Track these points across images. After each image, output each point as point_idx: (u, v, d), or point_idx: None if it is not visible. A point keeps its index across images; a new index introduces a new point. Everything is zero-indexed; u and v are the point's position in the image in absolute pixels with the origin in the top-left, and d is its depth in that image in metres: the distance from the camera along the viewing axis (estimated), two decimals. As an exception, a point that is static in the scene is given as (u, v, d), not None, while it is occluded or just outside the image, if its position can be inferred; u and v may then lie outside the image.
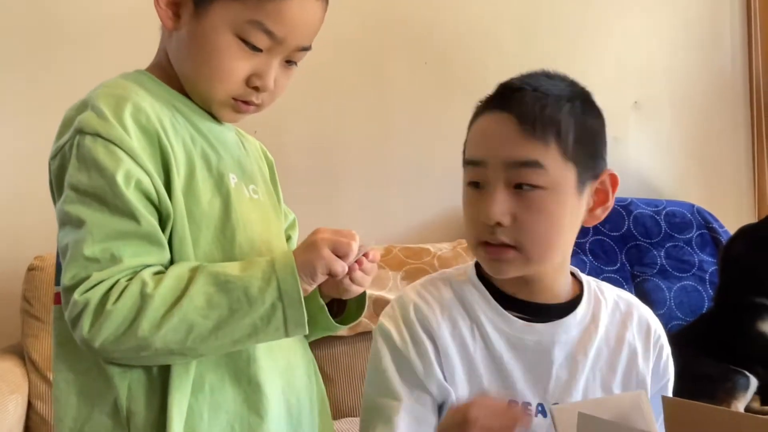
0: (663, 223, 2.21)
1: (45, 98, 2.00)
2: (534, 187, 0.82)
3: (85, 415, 0.74)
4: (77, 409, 0.74)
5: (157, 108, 0.77)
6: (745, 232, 2.01)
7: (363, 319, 0.91)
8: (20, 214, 1.98)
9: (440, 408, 0.86)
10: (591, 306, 0.91)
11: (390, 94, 2.29)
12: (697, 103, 2.54)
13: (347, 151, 2.24)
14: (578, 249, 2.09)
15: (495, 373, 0.87)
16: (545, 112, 0.83)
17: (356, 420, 1.73)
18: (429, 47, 2.31)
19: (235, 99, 0.81)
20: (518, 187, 0.83)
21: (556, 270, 0.89)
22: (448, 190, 2.24)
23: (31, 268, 1.82)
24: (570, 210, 0.85)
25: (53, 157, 0.75)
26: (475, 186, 0.86)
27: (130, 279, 0.69)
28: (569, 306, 0.90)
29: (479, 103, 0.90)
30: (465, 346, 0.86)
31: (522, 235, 0.83)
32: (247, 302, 0.69)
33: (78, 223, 0.70)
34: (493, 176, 0.83)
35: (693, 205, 2.29)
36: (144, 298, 0.68)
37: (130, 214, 0.70)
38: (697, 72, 2.54)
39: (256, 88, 0.81)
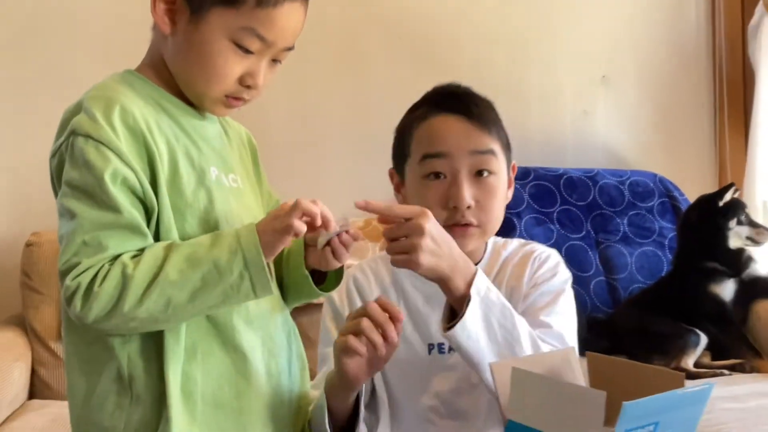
0: (627, 193, 2.33)
1: (36, 82, 2.09)
2: (490, 173, 1.01)
3: (94, 382, 0.83)
4: (87, 377, 0.84)
5: (143, 108, 0.84)
6: (701, 201, 2.14)
7: None
8: (17, 193, 2.07)
9: None
10: (491, 257, 1.08)
11: (367, 68, 2.36)
12: (662, 77, 2.63)
13: (327, 126, 2.33)
14: (546, 218, 2.22)
15: (413, 321, 1.05)
16: (490, 114, 1.05)
17: None
18: (404, 23, 2.38)
19: (227, 96, 0.88)
20: (478, 174, 1.01)
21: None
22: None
23: (28, 244, 1.92)
24: (505, 191, 1.06)
25: (52, 156, 0.84)
26: (436, 177, 1.01)
27: (113, 263, 0.78)
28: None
29: (417, 108, 1.08)
30: None
31: (483, 214, 1.01)
32: (217, 274, 0.78)
33: (71, 215, 0.79)
34: (459, 165, 1.00)
35: (656, 175, 2.40)
36: (125, 278, 0.76)
37: (115, 208, 0.78)
38: (662, 47, 2.62)
39: (248, 87, 0.88)
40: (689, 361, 1.84)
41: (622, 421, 0.62)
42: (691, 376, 1.77)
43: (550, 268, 1.07)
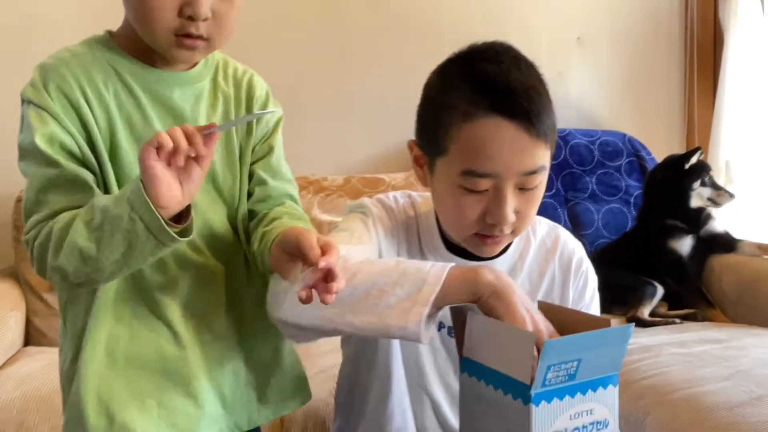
0: (596, 152, 2.42)
1: (24, 41, 2.12)
2: (536, 186, 0.88)
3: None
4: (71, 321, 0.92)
5: (90, 76, 0.84)
6: (668, 161, 2.24)
7: None
8: (5, 150, 2.12)
9: None
10: (520, 248, 0.99)
11: (348, 32, 2.41)
12: (635, 39, 2.69)
13: (308, 87, 2.37)
14: (519, 177, 2.32)
15: None
16: (547, 117, 0.86)
17: None
18: (386, -14, 2.44)
19: (176, 35, 0.83)
20: (522, 188, 0.87)
21: None
22: (403, 124, 2.38)
23: (18, 199, 1.99)
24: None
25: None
26: (472, 192, 0.87)
27: (52, 220, 0.80)
28: (504, 250, 0.97)
29: (456, 87, 0.88)
30: None
31: (520, 223, 0.89)
32: (112, 221, 0.77)
33: (25, 176, 0.83)
34: (504, 183, 0.85)
35: (625, 135, 2.50)
36: (49, 234, 0.80)
37: (54, 163, 0.80)
38: (636, 10, 2.68)
39: (191, 18, 0.82)
40: (645, 311, 1.96)
41: (544, 358, 0.68)
42: (646, 324, 1.91)
43: (594, 288, 1.04)
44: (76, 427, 0.88)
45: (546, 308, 0.84)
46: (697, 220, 2.15)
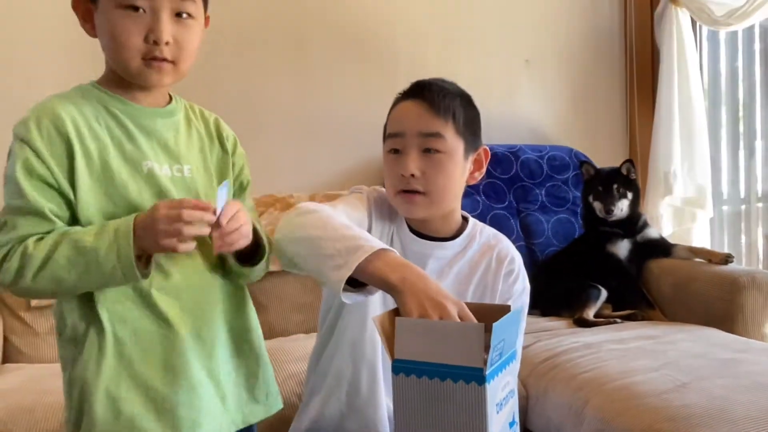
0: (545, 166, 2.59)
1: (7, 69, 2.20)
2: (437, 151, 1.13)
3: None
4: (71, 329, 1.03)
5: (82, 112, 0.98)
6: (598, 175, 2.39)
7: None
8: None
9: None
10: (467, 239, 1.22)
11: (311, 56, 2.54)
12: (579, 60, 2.89)
13: (273, 110, 2.49)
14: (473, 191, 2.46)
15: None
16: (445, 101, 1.14)
17: (286, 338, 2.05)
18: (346, 14, 2.57)
19: (144, 59, 0.97)
20: (426, 151, 1.13)
21: (446, 215, 1.20)
22: (366, 143, 2.54)
23: (-5, 222, 2.06)
24: (459, 171, 1.16)
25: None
26: (395, 152, 1.15)
27: (21, 243, 0.94)
28: (452, 238, 1.21)
29: (399, 95, 1.20)
30: None
31: (428, 184, 1.13)
32: (96, 263, 0.93)
33: (4, 200, 0.95)
34: (409, 143, 1.13)
35: (572, 150, 2.66)
36: (24, 258, 0.93)
37: (24, 196, 0.93)
38: (579, 33, 2.88)
39: (156, 43, 0.96)
40: (590, 313, 2.10)
41: (493, 339, 0.79)
42: (590, 324, 2.05)
43: (525, 287, 1.23)
44: (83, 422, 0.98)
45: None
46: (632, 225, 2.29)
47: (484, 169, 1.22)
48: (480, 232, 1.24)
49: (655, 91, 2.80)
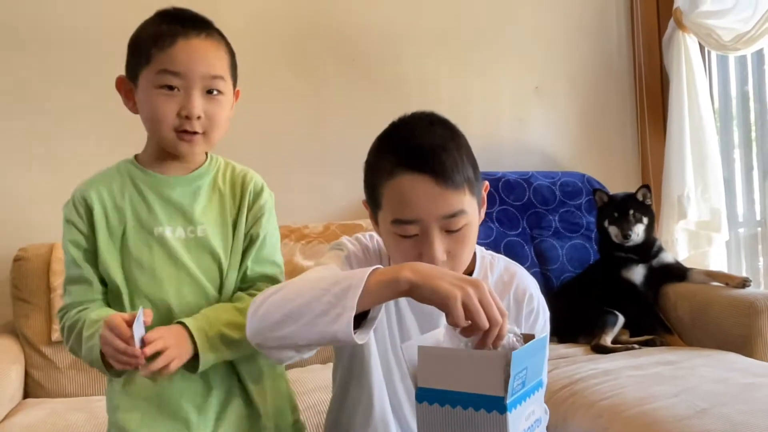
0: (558, 192, 2.60)
1: (16, 100, 2.26)
2: (459, 228, 1.00)
3: None
4: None
5: (111, 191, 1.17)
6: (612, 201, 2.39)
7: None
8: (5, 211, 2.25)
9: None
10: (479, 278, 1.09)
11: (323, 89, 2.59)
12: (589, 86, 2.91)
13: (289, 143, 2.54)
14: (487, 218, 2.48)
15: (396, 326, 1.11)
16: (456, 168, 0.98)
17: (303, 369, 2.05)
18: (356, 47, 2.63)
19: (177, 131, 1.11)
20: (449, 231, 1.00)
21: None
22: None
23: (17, 259, 2.10)
24: (477, 227, 1.05)
25: None
26: (409, 237, 0.99)
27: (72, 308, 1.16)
28: None
29: (383, 153, 1.03)
30: None
31: (454, 263, 1.01)
32: (86, 351, 1.12)
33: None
34: (428, 228, 0.98)
35: (584, 175, 2.68)
36: (65, 326, 1.16)
37: (73, 263, 1.16)
38: (588, 59, 2.91)
39: (188, 118, 1.10)
40: (608, 339, 2.10)
41: (513, 368, 0.78)
42: (608, 351, 2.04)
43: (545, 320, 1.13)
44: None
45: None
46: (647, 250, 2.29)
47: (485, 203, 1.11)
48: (491, 267, 1.14)
49: (666, 115, 2.81)
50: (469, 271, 1.11)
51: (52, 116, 2.30)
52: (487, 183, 1.12)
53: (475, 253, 1.13)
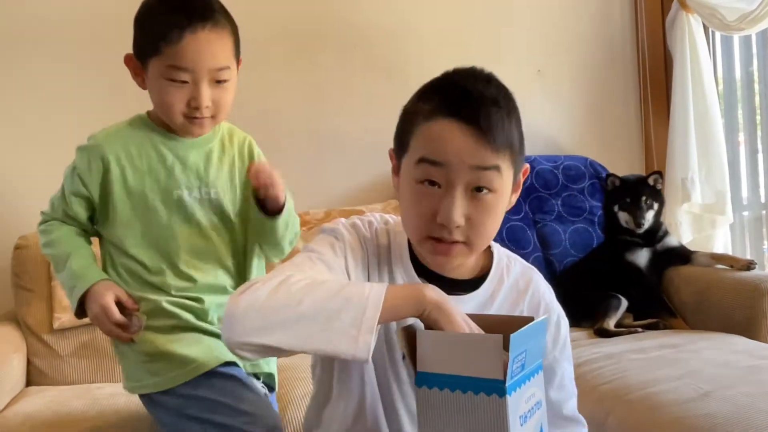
0: (560, 176, 2.57)
1: (17, 94, 2.25)
2: (489, 191, 0.89)
3: None
4: None
5: (128, 151, 1.25)
6: (624, 185, 2.38)
7: None
8: (4, 199, 2.25)
9: None
10: (493, 285, 1.00)
11: (324, 74, 2.57)
12: (592, 69, 2.87)
13: (288, 127, 2.52)
14: (489, 202, 2.46)
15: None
16: (502, 126, 0.89)
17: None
18: (357, 32, 2.59)
19: (186, 117, 1.21)
20: (476, 190, 0.89)
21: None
22: (378, 158, 2.53)
23: (17, 247, 2.09)
24: (504, 207, 0.94)
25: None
26: (431, 183, 0.89)
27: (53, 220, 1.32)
28: (476, 282, 0.99)
29: (426, 97, 0.92)
30: None
31: (473, 233, 0.90)
32: (66, 276, 1.31)
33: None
34: (455, 178, 0.88)
35: (587, 159, 2.65)
36: (46, 232, 1.32)
37: (65, 197, 1.29)
38: (591, 42, 2.87)
39: (197, 108, 1.19)
40: (611, 323, 2.08)
41: (512, 351, 0.78)
42: (611, 334, 2.03)
43: (567, 333, 1.06)
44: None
45: (475, 318, 0.91)
46: (652, 235, 2.28)
47: (520, 189, 0.99)
48: (507, 269, 1.02)
49: (670, 97, 2.77)
50: (485, 272, 1.01)
51: (51, 103, 2.29)
52: (527, 166, 1.00)
53: (492, 251, 1.03)
